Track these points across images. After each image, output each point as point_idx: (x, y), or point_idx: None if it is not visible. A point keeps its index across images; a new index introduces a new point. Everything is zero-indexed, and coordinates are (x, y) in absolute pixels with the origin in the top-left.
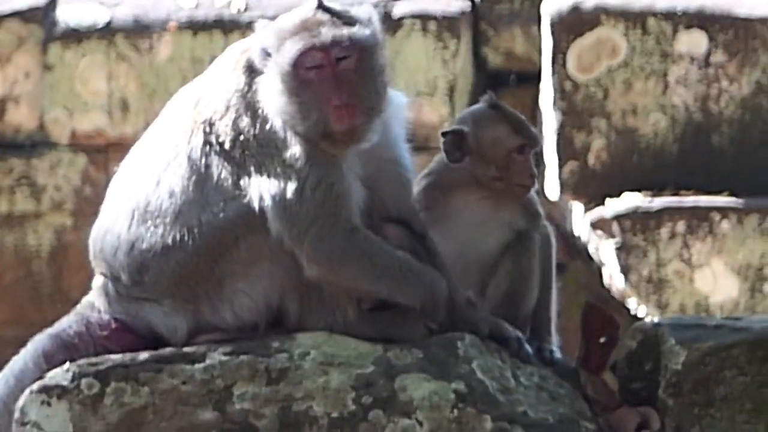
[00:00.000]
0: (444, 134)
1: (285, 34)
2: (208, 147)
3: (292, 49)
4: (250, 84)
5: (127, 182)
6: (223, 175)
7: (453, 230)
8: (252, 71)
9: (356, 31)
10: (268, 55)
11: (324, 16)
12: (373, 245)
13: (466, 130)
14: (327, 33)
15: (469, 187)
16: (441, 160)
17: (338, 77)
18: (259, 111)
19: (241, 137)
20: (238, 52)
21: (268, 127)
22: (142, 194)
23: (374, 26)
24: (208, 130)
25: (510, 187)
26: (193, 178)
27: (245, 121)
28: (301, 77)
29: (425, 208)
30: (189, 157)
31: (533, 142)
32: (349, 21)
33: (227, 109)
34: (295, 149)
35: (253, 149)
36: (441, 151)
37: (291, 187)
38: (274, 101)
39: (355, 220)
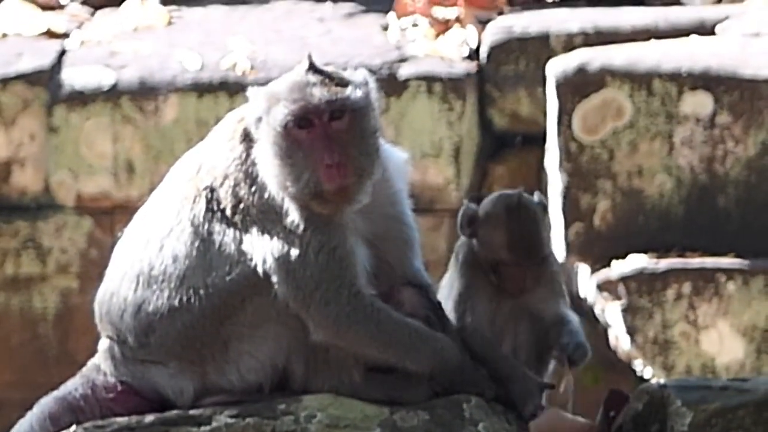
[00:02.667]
0: (465, 205)
1: (276, 97)
2: (210, 214)
3: (282, 111)
4: (247, 152)
5: (132, 247)
6: (226, 241)
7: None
8: (248, 139)
9: (348, 91)
10: (260, 120)
11: (315, 78)
12: (380, 311)
13: (478, 214)
14: (317, 93)
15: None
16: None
17: (329, 137)
18: (257, 179)
19: (242, 205)
20: (234, 121)
21: (266, 194)
22: (146, 259)
23: (368, 88)
24: (209, 196)
25: (501, 285)
26: (197, 243)
27: (244, 189)
28: (292, 138)
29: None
30: (192, 224)
31: (526, 264)
32: (341, 82)
33: (226, 177)
34: (294, 215)
35: (254, 216)
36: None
37: (294, 252)
38: (268, 166)
39: (360, 283)
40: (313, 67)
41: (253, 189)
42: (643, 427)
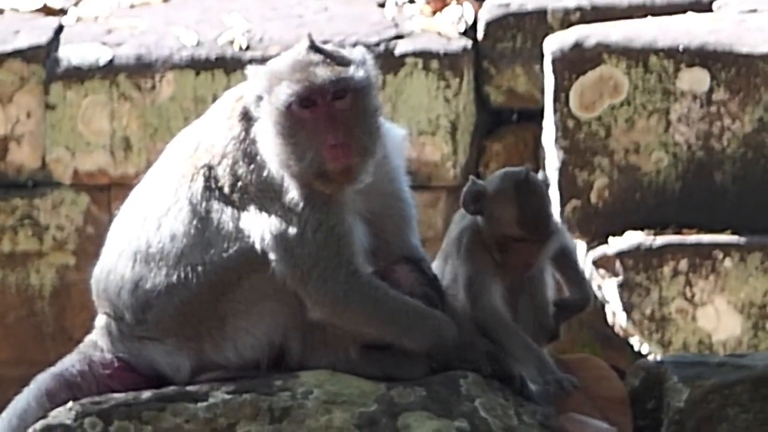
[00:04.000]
0: (471, 182)
1: (278, 76)
2: (207, 192)
3: (285, 90)
4: (246, 131)
5: (129, 225)
6: (224, 219)
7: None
8: (247, 118)
9: (350, 71)
10: (261, 99)
11: (317, 57)
12: (377, 289)
13: (486, 191)
14: (321, 73)
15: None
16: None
17: (333, 117)
18: (257, 158)
19: (240, 183)
20: (233, 99)
21: (265, 173)
22: (143, 237)
23: (368, 67)
24: (207, 174)
25: (506, 262)
26: (194, 222)
27: (243, 168)
28: (296, 118)
29: (470, 260)
30: (190, 202)
31: (535, 239)
32: (343, 61)
33: (224, 155)
34: (293, 193)
35: (253, 194)
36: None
37: (292, 229)
38: (268, 144)
39: (358, 262)
40: (314, 46)
41: (252, 167)
42: (640, 403)
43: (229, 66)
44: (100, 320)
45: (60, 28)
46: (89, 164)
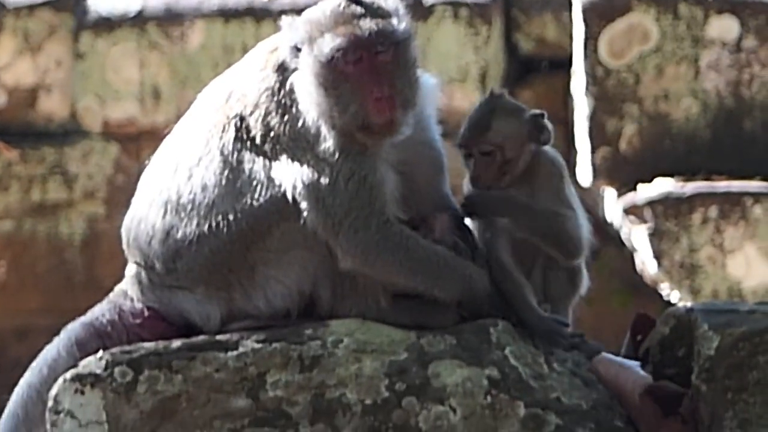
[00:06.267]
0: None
1: (319, 28)
2: (239, 142)
3: (330, 43)
4: (281, 83)
5: (160, 174)
6: (255, 169)
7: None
8: (282, 70)
9: (393, 23)
10: (299, 50)
11: (357, 9)
12: (409, 239)
13: None
14: (365, 26)
15: None
16: None
17: (376, 70)
18: (291, 109)
19: (272, 133)
20: (267, 51)
21: (299, 123)
22: (174, 187)
23: (405, 18)
24: (239, 125)
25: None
26: (226, 172)
27: (276, 119)
28: (339, 70)
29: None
30: (221, 152)
31: (467, 145)
32: (383, 14)
33: (257, 106)
34: (328, 143)
35: (285, 144)
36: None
37: (324, 179)
38: (308, 95)
39: (390, 212)
40: None
41: (286, 118)
42: (670, 351)
43: (259, 15)
44: (130, 269)
45: None
46: (119, 113)
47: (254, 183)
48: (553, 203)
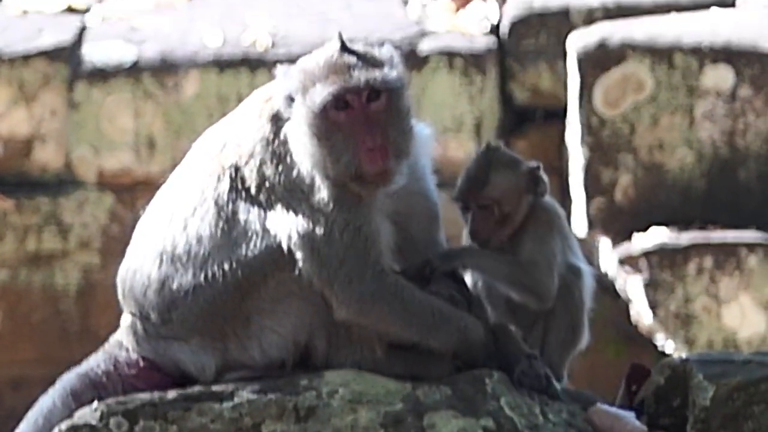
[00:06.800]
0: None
1: (312, 78)
2: (234, 192)
3: (322, 92)
4: (275, 132)
5: (155, 224)
6: (250, 219)
7: None
8: (276, 119)
9: (386, 72)
10: (293, 100)
11: (351, 59)
12: (404, 289)
13: None
14: (359, 75)
15: None
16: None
17: (368, 119)
18: (285, 158)
19: (267, 183)
20: (261, 100)
21: (294, 173)
22: (169, 238)
23: (399, 67)
24: (234, 174)
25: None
26: (221, 222)
27: (271, 168)
28: (331, 120)
29: None
30: (216, 202)
31: (465, 200)
32: (376, 63)
33: (252, 155)
34: (322, 193)
35: (280, 194)
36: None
37: (319, 229)
38: (301, 145)
39: (385, 262)
40: (345, 47)
41: (280, 168)
42: (665, 401)
43: (253, 64)
44: (126, 320)
45: (84, 27)
46: (113, 163)
47: (249, 233)
48: (534, 251)
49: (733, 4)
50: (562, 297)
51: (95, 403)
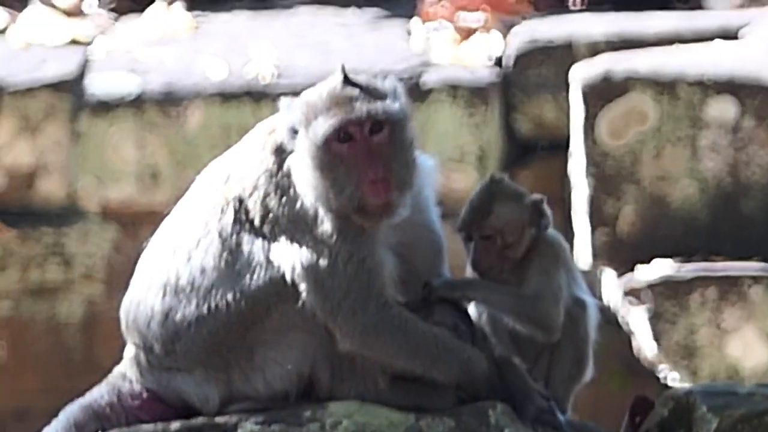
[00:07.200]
0: None
1: (315, 110)
2: (238, 224)
3: (324, 124)
4: (279, 164)
5: (159, 256)
6: (254, 250)
7: None
8: (280, 152)
9: (388, 104)
10: (296, 132)
11: (353, 91)
12: (407, 321)
13: None
14: (361, 107)
15: None
16: None
17: (372, 151)
18: (289, 190)
19: (271, 215)
20: (265, 132)
21: (298, 205)
22: (173, 269)
23: (402, 99)
24: (237, 206)
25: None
26: (224, 254)
27: (274, 201)
28: (333, 152)
29: None
30: (220, 234)
31: (459, 227)
32: (379, 94)
33: (256, 188)
34: (326, 225)
35: (283, 226)
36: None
37: (323, 262)
38: (304, 177)
39: (388, 294)
40: (348, 79)
41: (284, 200)
42: None
43: (257, 96)
44: (129, 351)
45: (87, 59)
46: (117, 194)
47: (253, 265)
48: (540, 284)
49: (736, 37)
50: (567, 330)
51: None
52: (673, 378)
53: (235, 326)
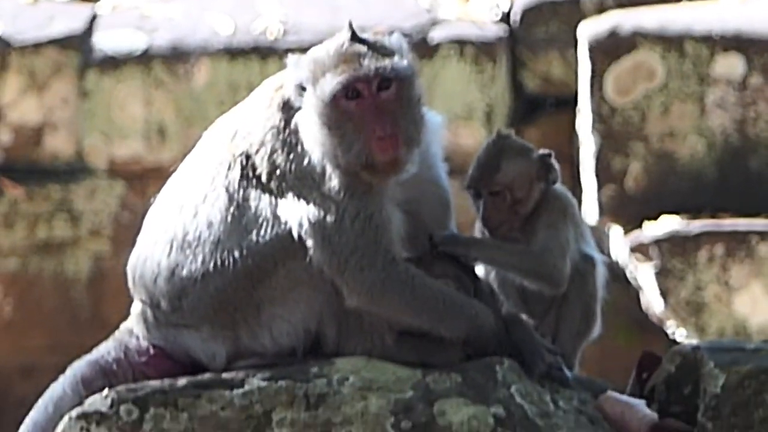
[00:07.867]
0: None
1: (322, 67)
2: (245, 180)
3: (332, 81)
4: (286, 121)
5: (166, 212)
6: (261, 206)
7: None
8: (287, 108)
9: (395, 61)
10: (304, 89)
11: (361, 48)
12: (414, 277)
13: None
14: (368, 64)
15: None
16: None
17: (379, 108)
18: (296, 147)
19: (278, 171)
20: (272, 89)
21: (305, 161)
22: (180, 225)
23: (409, 55)
24: (244, 162)
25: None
26: (231, 210)
27: (281, 157)
28: (342, 109)
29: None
30: (227, 190)
31: (467, 184)
32: (386, 52)
33: (263, 144)
34: (333, 181)
35: (291, 182)
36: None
37: (330, 218)
38: (312, 134)
39: (395, 251)
40: (356, 36)
41: (291, 156)
42: (676, 388)
43: (264, 52)
44: (136, 307)
45: (94, 16)
46: (124, 151)
47: (260, 221)
48: (547, 238)
49: None
50: (575, 286)
51: (105, 391)
52: (680, 334)
53: (242, 282)
